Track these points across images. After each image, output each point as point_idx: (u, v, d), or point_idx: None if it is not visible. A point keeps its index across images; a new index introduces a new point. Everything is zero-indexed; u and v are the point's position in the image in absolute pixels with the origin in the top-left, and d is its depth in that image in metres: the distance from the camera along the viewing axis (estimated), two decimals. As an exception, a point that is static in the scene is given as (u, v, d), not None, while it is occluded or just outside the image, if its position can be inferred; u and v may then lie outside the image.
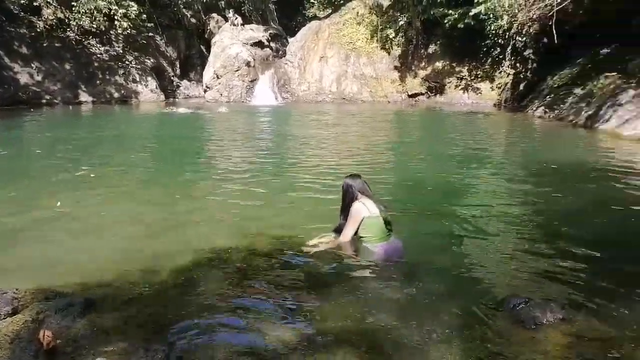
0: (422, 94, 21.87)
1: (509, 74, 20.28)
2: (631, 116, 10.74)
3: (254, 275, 3.70)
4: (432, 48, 21.99)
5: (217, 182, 6.91)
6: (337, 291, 3.45)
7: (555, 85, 16.68)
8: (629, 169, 7.63)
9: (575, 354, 2.62)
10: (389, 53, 22.40)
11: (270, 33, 24.51)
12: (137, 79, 21.57)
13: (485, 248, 4.30)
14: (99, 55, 20.86)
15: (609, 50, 15.46)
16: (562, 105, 14.93)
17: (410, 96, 21.92)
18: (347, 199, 4.12)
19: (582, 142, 10.98)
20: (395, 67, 22.34)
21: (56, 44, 19.66)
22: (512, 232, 4.73)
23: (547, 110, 15.49)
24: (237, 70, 21.92)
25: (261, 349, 2.70)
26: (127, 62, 21.40)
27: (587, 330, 2.75)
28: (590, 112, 12.75)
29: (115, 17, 19.69)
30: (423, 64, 22.09)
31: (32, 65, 18.93)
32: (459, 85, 21.30)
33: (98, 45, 20.85)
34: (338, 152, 9.63)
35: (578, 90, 14.69)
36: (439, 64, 21.75)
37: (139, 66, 21.74)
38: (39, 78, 19.06)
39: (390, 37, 22.01)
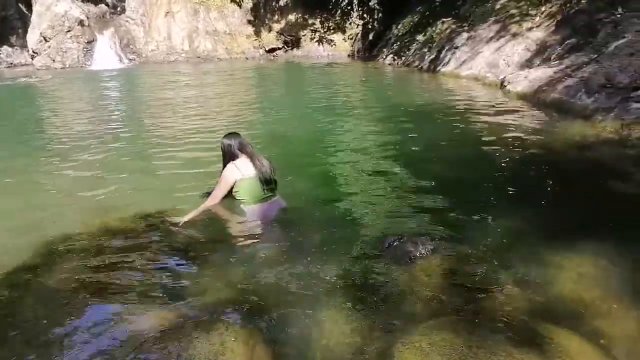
0: (279, 48, 21.62)
1: (358, 24, 20.94)
2: (467, 57, 11.85)
3: (116, 258, 3.27)
4: (283, 0, 21.64)
5: (61, 161, 6.00)
6: (213, 259, 3.22)
7: (400, 34, 17.70)
8: (470, 106, 8.43)
9: (448, 279, 2.79)
10: (240, 6, 21.52)
11: (103, -13, 21.79)
12: (-63, 47, 17.73)
13: (357, 195, 4.39)
14: None
15: (443, -2, 16.71)
16: (407, 52, 15.92)
17: (268, 51, 21.53)
18: (227, 159, 3.84)
19: (428, 85, 11.87)
20: (249, 22, 21.63)
21: None
22: (381, 176, 4.90)
23: (395, 57, 16.41)
24: (68, 31, 19.20)
25: (132, 340, 2.38)
26: None
27: (454, 257, 2.96)
28: (432, 57, 13.80)
29: None
30: (276, 17, 21.71)
31: None
32: (314, 37, 21.47)
33: None
34: (200, 115, 9.04)
35: (420, 37, 15.76)
36: (292, 17, 21.57)
37: (-64, 31, 17.81)
38: None
39: (239, -12, 21.12)
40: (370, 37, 20.49)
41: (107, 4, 21.88)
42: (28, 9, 20.54)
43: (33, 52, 19.34)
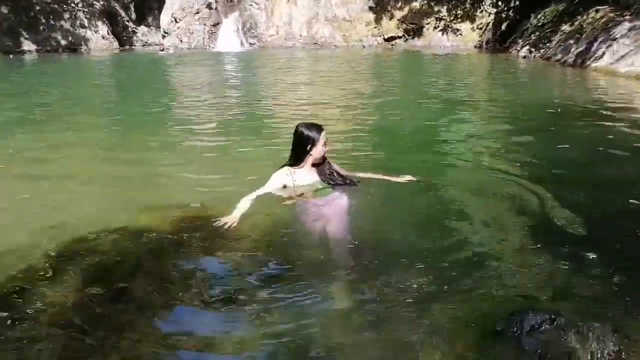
0: (398, 37, 20.42)
1: (490, 13, 19.06)
2: (628, 51, 9.68)
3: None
4: (409, -14, 20.32)
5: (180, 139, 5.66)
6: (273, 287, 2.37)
7: (540, 24, 15.53)
8: (630, 110, 6.63)
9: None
10: (363, -8, 20.68)
11: (233, -29, 22.32)
12: (86, 24, 19.45)
13: (473, 222, 3.08)
14: (39, -2, 18.65)
15: (598, -17, 14.19)
16: (548, 44, 13.85)
17: (387, 40, 20.44)
18: None
19: (574, 81, 9.94)
20: (370, 8, 20.69)
21: (-13, -14, 17.41)
22: (513, 199, 3.43)
23: (532, 49, 14.39)
24: (196, 13, 19.95)
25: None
26: (72, 5, 19.17)
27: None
28: (580, 49, 11.65)
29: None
30: (399, 3, 20.48)
31: (-39, 10, 16.76)
32: (438, 26, 19.92)
33: (38, -13, 18.60)
34: (306, 103, 8.34)
35: (566, 27, 13.56)
36: (416, 4, 20.20)
37: (86, 9, 19.54)
38: (-30, 25, 16.96)
39: (364, -27, 20.24)
40: (503, 27, 18.41)
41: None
42: (164, -9, 21.80)
43: (164, 32, 20.45)
